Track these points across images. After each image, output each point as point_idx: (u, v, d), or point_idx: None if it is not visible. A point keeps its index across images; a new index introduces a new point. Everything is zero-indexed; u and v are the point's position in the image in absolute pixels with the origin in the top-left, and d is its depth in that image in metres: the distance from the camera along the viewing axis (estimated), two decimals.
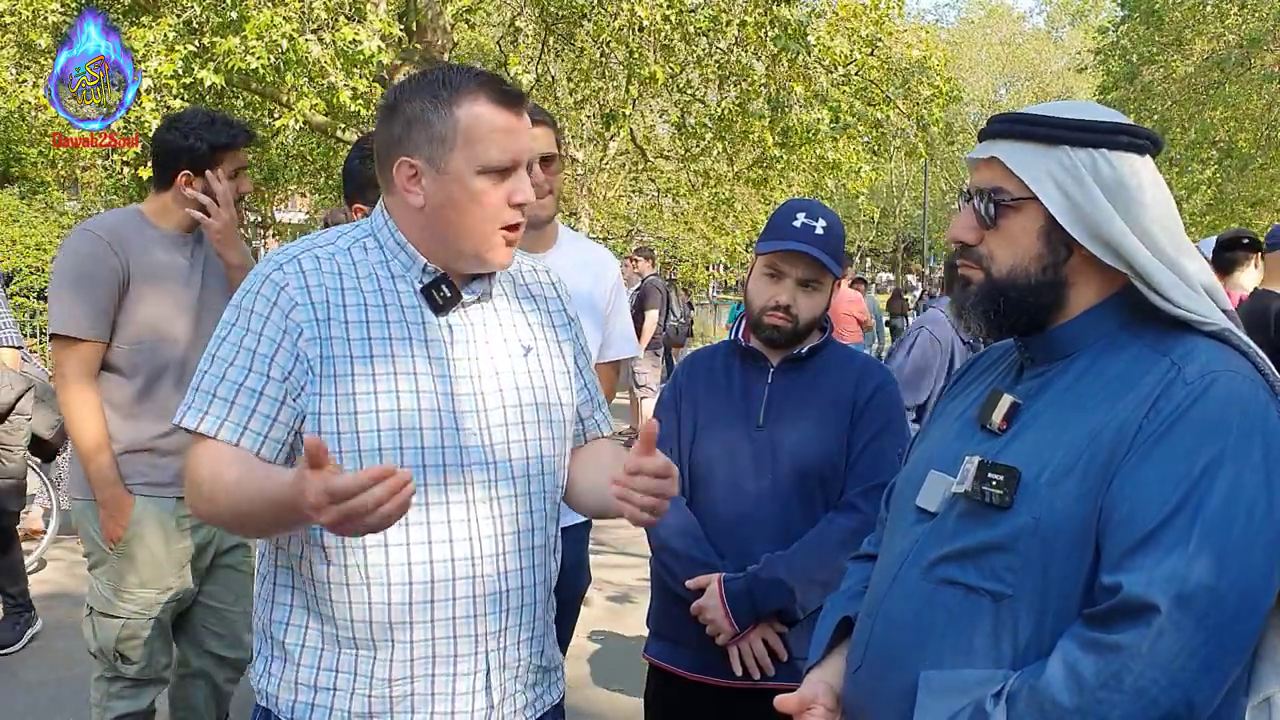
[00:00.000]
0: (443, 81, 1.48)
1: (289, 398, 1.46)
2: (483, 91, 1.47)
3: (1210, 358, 1.23)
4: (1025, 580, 1.23)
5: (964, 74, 31.93)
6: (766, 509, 2.12)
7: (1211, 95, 16.33)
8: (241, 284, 1.54)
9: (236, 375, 1.46)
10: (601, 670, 4.29)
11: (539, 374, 1.61)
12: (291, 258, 1.51)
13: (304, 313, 1.46)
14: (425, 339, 1.51)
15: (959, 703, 1.21)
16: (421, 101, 1.47)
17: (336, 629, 1.49)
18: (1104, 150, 1.28)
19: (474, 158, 1.46)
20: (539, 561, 1.58)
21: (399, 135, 1.49)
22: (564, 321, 1.70)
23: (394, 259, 1.54)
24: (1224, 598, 1.12)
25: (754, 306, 2.18)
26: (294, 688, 1.51)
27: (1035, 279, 1.32)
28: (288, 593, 1.54)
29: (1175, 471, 1.16)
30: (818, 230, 2.12)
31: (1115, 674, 1.12)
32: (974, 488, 1.27)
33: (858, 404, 2.15)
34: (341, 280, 1.51)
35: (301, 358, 1.46)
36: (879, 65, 10.66)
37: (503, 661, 1.54)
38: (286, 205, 27.69)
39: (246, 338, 1.47)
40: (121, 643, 2.72)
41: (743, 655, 2.10)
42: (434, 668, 1.49)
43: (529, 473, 1.56)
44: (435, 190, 1.48)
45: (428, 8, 8.74)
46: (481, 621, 1.50)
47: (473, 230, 1.49)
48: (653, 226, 20.19)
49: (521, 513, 1.55)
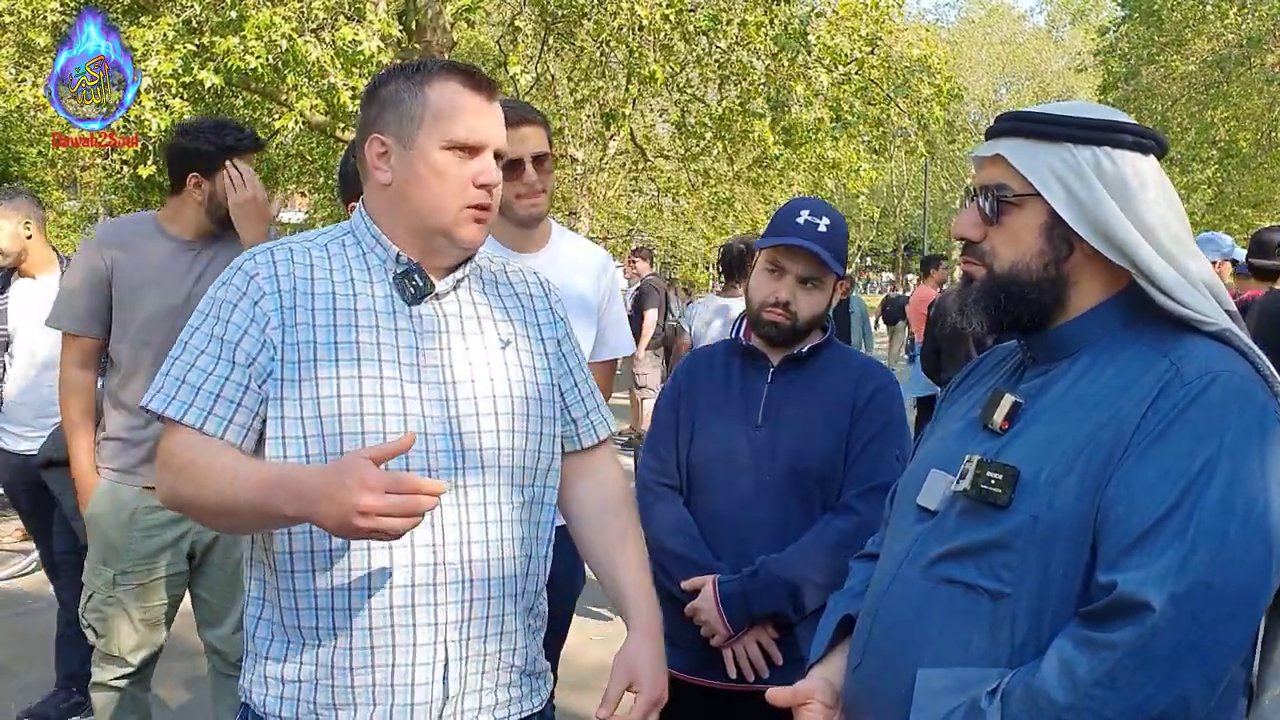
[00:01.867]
0: (418, 66, 1.54)
1: (253, 383, 1.47)
2: (455, 74, 1.52)
3: (1209, 357, 1.24)
4: (1024, 579, 1.23)
5: (964, 74, 31.90)
6: (763, 509, 2.11)
7: (1212, 95, 16.33)
8: (219, 276, 1.56)
9: (205, 363, 1.47)
10: (598, 671, 4.29)
11: (516, 368, 1.60)
12: (264, 249, 1.55)
13: (271, 301, 1.49)
14: (394, 328, 1.52)
15: (955, 700, 1.21)
16: (396, 83, 1.53)
17: (298, 620, 1.49)
18: (1107, 148, 1.29)
19: (440, 134, 1.49)
20: (510, 554, 1.55)
21: (373, 116, 1.54)
22: (550, 320, 1.69)
23: (370, 252, 1.56)
24: (1220, 596, 1.12)
25: (754, 302, 2.18)
26: (265, 682, 1.52)
27: (1037, 275, 1.32)
28: (258, 586, 1.55)
29: (1172, 470, 1.17)
30: (820, 228, 2.11)
31: (1109, 672, 1.13)
32: (973, 486, 1.27)
33: (857, 405, 2.14)
34: (312, 271, 1.53)
35: (268, 344, 1.47)
36: (879, 64, 10.64)
37: (464, 653, 1.51)
38: (286, 205, 27.69)
39: (216, 325, 1.49)
40: (87, 613, 2.85)
41: (737, 657, 2.09)
42: (393, 657, 1.48)
43: (499, 464, 1.55)
44: (402, 166, 1.51)
45: (427, 7, 8.73)
46: (442, 610, 1.49)
47: (436, 206, 1.51)
48: (653, 226, 20.18)
49: (490, 503, 1.53)
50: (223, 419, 1.46)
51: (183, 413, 1.46)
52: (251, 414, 1.47)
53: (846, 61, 9.79)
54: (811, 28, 9.40)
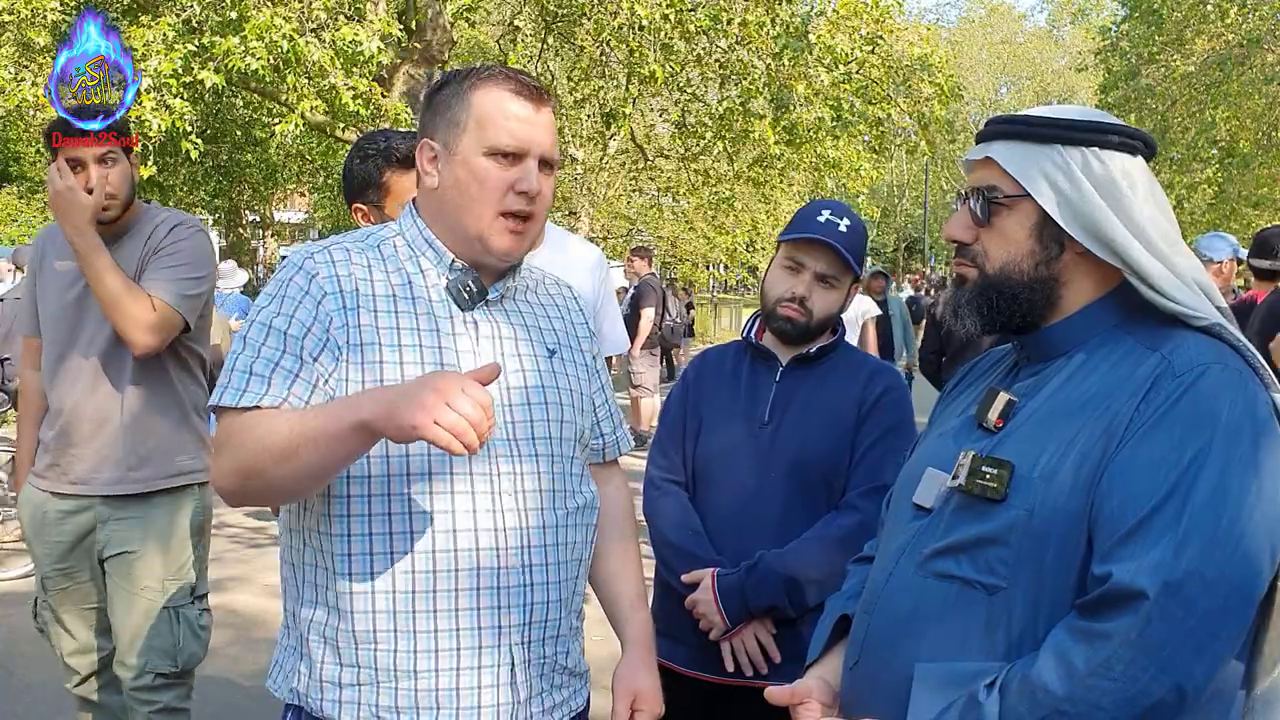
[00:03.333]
0: (469, 72, 1.55)
1: (320, 381, 1.46)
2: (503, 80, 1.52)
3: (1200, 350, 1.25)
4: (1019, 573, 1.24)
5: (964, 73, 31.93)
6: (768, 506, 2.12)
7: (1212, 95, 16.32)
8: (275, 275, 1.55)
9: (271, 354, 1.45)
10: (602, 669, 4.28)
11: (563, 375, 1.62)
12: (322, 248, 1.55)
13: (334, 301, 1.48)
14: (453, 333, 1.52)
15: (953, 695, 1.22)
16: (450, 89, 1.55)
17: (353, 625, 1.47)
18: (1095, 149, 1.31)
19: (483, 139, 1.50)
20: (566, 558, 1.57)
21: (427, 121, 1.56)
22: (586, 334, 1.73)
23: (421, 255, 1.56)
24: (1214, 584, 1.13)
25: (769, 298, 2.18)
26: (321, 686, 1.50)
27: (1028, 275, 1.34)
28: (311, 590, 1.53)
29: (1165, 461, 1.18)
30: (841, 228, 2.13)
31: (1105, 661, 1.13)
32: (969, 481, 1.28)
33: (864, 405, 2.14)
34: (370, 272, 1.53)
35: (331, 344, 1.47)
36: (880, 64, 10.65)
37: (527, 657, 1.52)
38: (286, 205, 27.72)
39: (277, 319, 1.47)
40: (36, 618, 2.92)
41: (735, 651, 2.10)
42: (459, 660, 1.48)
43: (554, 471, 1.56)
44: (447, 171, 1.53)
45: (427, 7, 8.74)
46: (505, 614, 1.49)
47: (471, 210, 1.51)
48: (653, 226, 20.19)
49: (547, 509, 1.54)
50: (301, 400, 1.44)
51: (257, 402, 1.42)
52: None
53: (847, 61, 9.79)
54: (812, 27, 9.40)
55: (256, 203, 22.38)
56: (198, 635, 2.79)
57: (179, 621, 2.75)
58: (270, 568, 5.47)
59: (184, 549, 2.78)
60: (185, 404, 2.78)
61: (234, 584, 5.43)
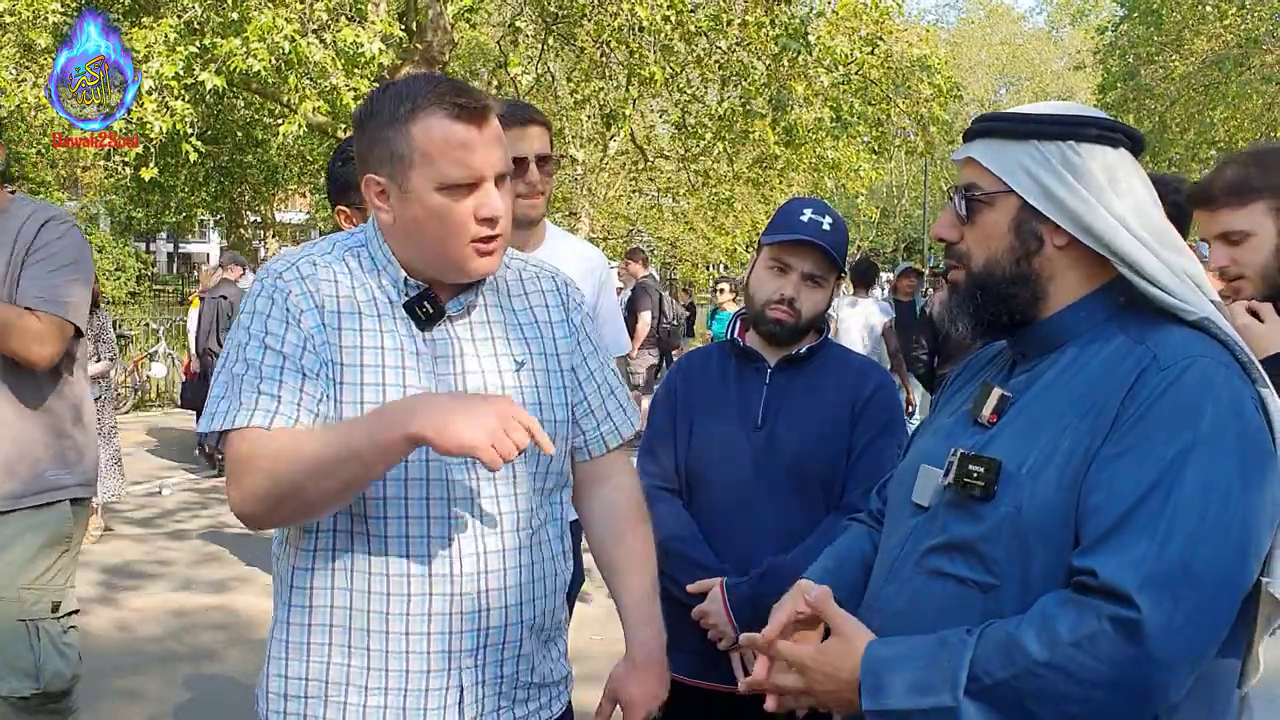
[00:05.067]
0: (403, 96, 1.45)
1: (323, 395, 1.46)
2: (440, 107, 1.43)
3: (1186, 344, 1.26)
4: (1010, 570, 1.25)
5: (964, 74, 31.91)
6: (766, 509, 2.11)
7: (1211, 95, 16.32)
8: (248, 295, 1.53)
9: (271, 372, 1.44)
10: (600, 671, 4.29)
11: (531, 390, 1.58)
12: (289, 264, 1.53)
13: (311, 318, 1.48)
14: (416, 351, 1.51)
15: (927, 641, 1.25)
16: (381, 119, 1.46)
17: (309, 636, 1.50)
18: (1072, 142, 1.32)
19: (433, 176, 1.44)
20: (525, 580, 1.55)
21: (364, 152, 1.50)
22: (566, 333, 1.67)
23: (383, 271, 1.54)
24: (1199, 578, 1.14)
25: (756, 300, 2.17)
26: (282, 699, 1.52)
27: (1010, 271, 1.35)
28: (285, 590, 1.55)
29: (1150, 456, 1.18)
30: (825, 226, 2.12)
31: (1091, 636, 1.14)
32: (957, 480, 1.29)
33: (857, 404, 2.14)
34: (337, 288, 1.52)
35: (322, 360, 1.47)
36: (879, 64, 10.65)
37: (479, 679, 1.52)
38: (287, 206, 27.71)
39: (269, 338, 1.46)
40: None
41: (746, 661, 2.07)
42: (406, 682, 1.48)
43: (515, 491, 1.54)
44: (401, 208, 1.48)
45: (428, 7, 8.73)
46: (456, 639, 1.49)
47: (438, 246, 1.48)
48: (653, 226, 20.20)
49: (507, 531, 1.52)
50: (312, 413, 1.44)
51: (269, 420, 1.41)
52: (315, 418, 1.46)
53: (846, 62, 9.79)
54: (811, 28, 9.40)
55: (258, 203, 22.37)
56: (62, 653, 2.58)
57: (38, 637, 2.54)
58: (270, 568, 5.48)
59: (43, 558, 2.57)
60: (62, 412, 2.60)
61: (234, 584, 5.43)
